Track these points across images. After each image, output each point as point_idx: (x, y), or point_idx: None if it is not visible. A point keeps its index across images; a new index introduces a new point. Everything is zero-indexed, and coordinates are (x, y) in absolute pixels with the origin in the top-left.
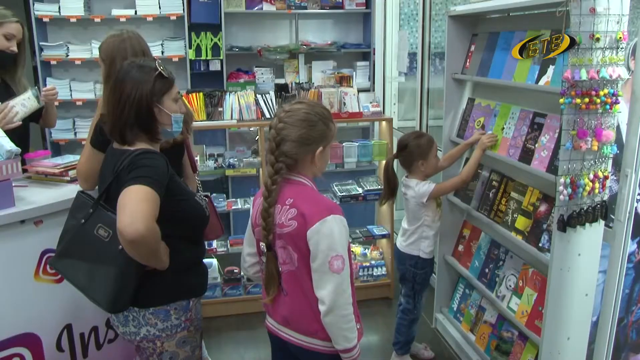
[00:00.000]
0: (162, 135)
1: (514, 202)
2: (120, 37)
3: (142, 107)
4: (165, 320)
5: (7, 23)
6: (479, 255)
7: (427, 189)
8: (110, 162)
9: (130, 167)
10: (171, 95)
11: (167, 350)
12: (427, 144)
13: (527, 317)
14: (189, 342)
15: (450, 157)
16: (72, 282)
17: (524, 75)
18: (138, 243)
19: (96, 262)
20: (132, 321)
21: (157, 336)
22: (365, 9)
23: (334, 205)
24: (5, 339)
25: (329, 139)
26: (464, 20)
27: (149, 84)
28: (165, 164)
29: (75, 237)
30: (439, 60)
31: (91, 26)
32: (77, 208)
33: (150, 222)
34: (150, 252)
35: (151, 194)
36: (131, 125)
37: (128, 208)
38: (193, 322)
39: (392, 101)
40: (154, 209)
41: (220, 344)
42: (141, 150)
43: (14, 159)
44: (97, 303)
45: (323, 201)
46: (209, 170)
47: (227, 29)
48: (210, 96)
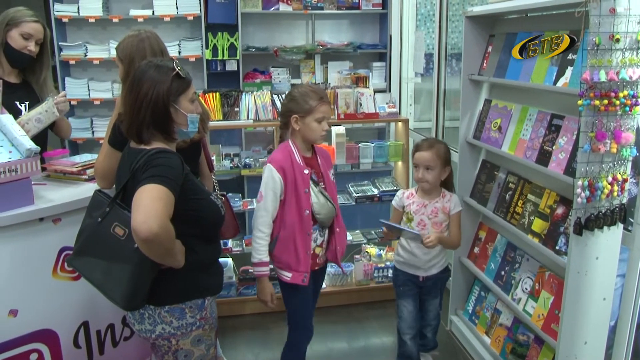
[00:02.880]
0: (177, 135)
1: (530, 205)
2: (139, 37)
3: (158, 107)
4: (180, 319)
5: (25, 22)
6: (494, 258)
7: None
8: (127, 161)
9: (145, 166)
10: (188, 95)
11: (182, 348)
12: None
13: (543, 320)
14: (203, 340)
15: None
16: (89, 279)
17: (541, 76)
18: (151, 241)
19: (112, 260)
20: (148, 319)
21: (172, 334)
22: (382, 9)
23: (274, 158)
24: (24, 335)
25: (305, 111)
26: (481, 21)
27: (166, 84)
28: (180, 164)
29: (91, 236)
30: (455, 61)
31: (109, 26)
32: (94, 207)
33: (164, 221)
34: (165, 251)
35: (166, 193)
36: (147, 124)
37: (142, 207)
38: (208, 321)
39: (408, 102)
40: (168, 208)
41: (235, 343)
42: (157, 149)
43: (33, 157)
44: (113, 301)
45: (273, 153)
46: (225, 170)
47: (244, 29)
48: (226, 96)
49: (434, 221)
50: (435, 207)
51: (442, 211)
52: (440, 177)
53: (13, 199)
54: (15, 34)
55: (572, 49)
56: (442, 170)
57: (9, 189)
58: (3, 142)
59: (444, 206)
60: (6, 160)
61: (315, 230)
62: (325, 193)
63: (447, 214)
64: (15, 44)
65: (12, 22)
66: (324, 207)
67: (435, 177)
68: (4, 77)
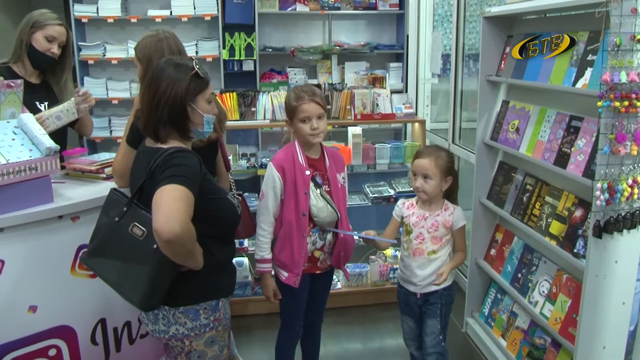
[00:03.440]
0: (193, 134)
1: (548, 207)
2: (157, 37)
3: (176, 106)
4: (194, 320)
5: (49, 25)
6: (511, 260)
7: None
8: (143, 160)
9: (164, 166)
10: (205, 95)
11: (196, 349)
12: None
13: (560, 324)
14: (217, 341)
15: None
16: (105, 279)
17: (560, 77)
18: (174, 243)
19: (130, 260)
20: (162, 319)
21: (185, 335)
22: (399, 9)
23: (275, 157)
24: (43, 331)
25: (291, 113)
26: (499, 22)
27: (185, 83)
28: (198, 163)
29: (108, 235)
30: (472, 62)
31: (128, 26)
32: (110, 206)
33: (185, 222)
34: (187, 252)
35: (186, 193)
36: (164, 122)
37: (164, 207)
38: (221, 322)
39: (425, 103)
40: (189, 208)
41: (250, 342)
42: (175, 148)
43: (53, 155)
44: (130, 301)
45: (277, 153)
46: (241, 170)
47: (261, 29)
48: (243, 96)
49: (434, 235)
50: (436, 221)
51: (443, 225)
52: (441, 187)
53: (33, 197)
54: (40, 37)
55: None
56: (443, 181)
57: (29, 186)
58: (24, 141)
59: (446, 219)
60: (27, 159)
61: (315, 234)
62: (327, 196)
63: (448, 228)
64: (39, 46)
65: (37, 25)
66: (322, 210)
67: (433, 188)
68: (26, 77)
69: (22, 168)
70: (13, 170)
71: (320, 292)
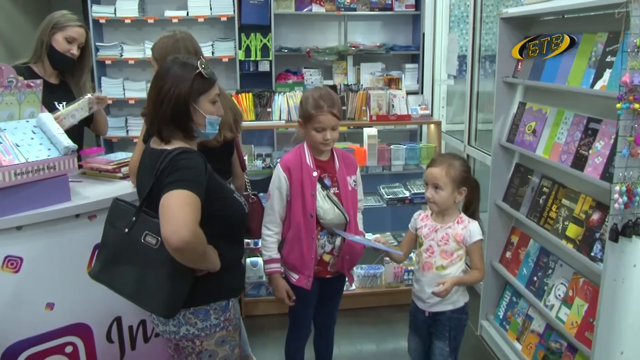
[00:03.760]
0: (197, 135)
1: (565, 210)
2: (174, 38)
3: (179, 105)
4: (204, 320)
5: (70, 27)
6: (527, 263)
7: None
8: (149, 164)
9: (169, 170)
10: (209, 96)
11: (207, 349)
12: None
13: (577, 328)
14: (228, 341)
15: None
16: (121, 292)
17: (578, 79)
18: (184, 249)
19: (147, 270)
20: (172, 320)
21: (196, 335)
22: (415, 10)
23: (283, 157)
24: (60, 328)
25: (306, 117)
26: (516, 23)
27: (188, 82)
28: (203, 163)
29: (120, 247)
30: (489, 63)
31: (145, 27)
32: (117, 216)
33: (194, 227)
34: (199, 256)
35: (192, 197)
36: (167, 121)
37: (170, 215)
38: (232, 322)
39: (441, 104)
40: (196, 212)
41: (265, 342)
42: (179, 150)
43: (70, 155)
44: (151, 310)
45: (286, 153)
46: (256, 170)
47: (277, 30)
48: (259, 96)
49: (443, 249)
50: (447, 233)
51: (454, 239)
52: (454, 199)
53: (51, 196)
54: (60, 38)
55: (611, 50)
56: (456, 192)
57: (47, 185)
58: (42, 140)
59: (457, 233)
60: (45, 158)
61: (323, 236)
62: (334, 198)
63: (460, 242)
64: (59, 46)
65: (58, 26)
66: (328, 212)
67: (444, 199)
68: (45, 77)
69: (40, 167)
70: (32, 169)
71: (331, 296)
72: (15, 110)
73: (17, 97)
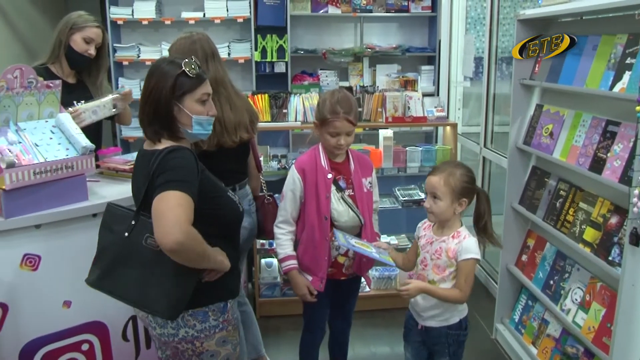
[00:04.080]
0: (184, 135)
1: (582, 213)
2: (191, 39)
3: (160, 104)
4: (203, 322)
5: (88, 27)
6: (543, 266)
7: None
8: (141, 165)
9: (159, 170)
10: (195, 95)
11: (208, 350)
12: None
13: (594, 333)
14: (229, 341)
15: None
16: (123, 298)
17: (596, 81)
18: (178, 251)
19: (150, 272)
20: (171, 323)
21: (195, 337)
22: (431, 12)
23: (298, 159)
24: (76, 326)
25: (321, 120)
26: (533, 24)
27: (170, 81)
28: (194, 160)
29: (120, 252)
30: (505, 65)
31: (161, 28)
32: (114, 221)
33: (186, 227)
34: (197, 256)
35: (183, 197)
36: (151, 121)
37: (162, 217)
38: (231, 322)
39: (457, 106)
40: (188, 212)
41: (279, 343)
42: (168, 148)
43: (88, 154)
44: (155, 313)
45: (300, 156)
46: (272, 171)
47: (293, 31)
48: (275, 98)
49: (436, 263)
50: (440, 247)
51: (446, 253)
52: (453, 210)
53: (69, 195)
54: (78, 38)
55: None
56: (455, 203)
57: (66, 185)
58: (61, 140)
59: (450, 248)
60: (63, 157)
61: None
62: (349, 200)
63: (452, 259)
64: (77, 47)
65: (76, 27)
66: (342, 214)
67: (442, 210)
68: (63, 77)
69: (59, 166)
70: (50, 169)
71: (346, 298)
72: (34, 110)
73: (37, 98)
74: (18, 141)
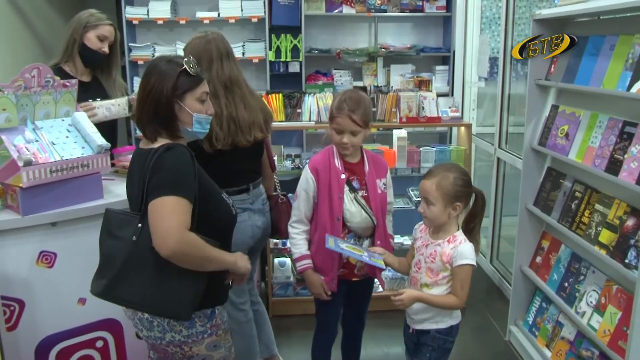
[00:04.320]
0: (183, 134)
1: (598, 215)
2: (206, 39)
3: (161, 102)
4: (189, 328)
5: (101, 25)
6: (558, 268)
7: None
8: (137, 165)
9: (155, 169)
10: (195, 94)
11: (198, 354)
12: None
13: (609, 336)
14: (221, 345)
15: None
16: (133, 304)
17: (614, 81)
18: (177, 258)
19: (159, 275)
20: (157, 327)
21: (182, 342)
22: (446, 12)
23: (312, 159)
24: (91, 323)
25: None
26: (549, 24)
27: (172, 79)
28: (191, 158)
29: (130, 257)
30: (520, 65)
31: (176, 28)
32: (117, 226)
33: (179, 235)
34: (199, 260)
35: (178, 203)
36: (150, 119)
37: (155, 226)
38: (220, 327)
39: (471, 106)
40: (182, 218)
41: (291, 342)
42: (164, 147)
43: (104, 153)
44: (168, 315)
45: (314, 156)
46: (286, 171)
47: (307, 31)
48: (289, 97)
49: (429, 267)
50: (435, 251)
51: (440, 257)
52: (447, 215)
53: (84, 193)
54: (92, 36)
55: None
56: (449, 207)
57: (81, 183)
58: (77, 139)
59: (445, 252)
60: (79, 156)
61: (350, 239)
62: (362, 201)
63: (446, 263)
64: (92, 45)
65: (90, 25)
66: (355, 215)
67: (435, 215)
68: (77, 76)
69: (74, 165)
70: (66, 167)
71: (359, 299)
72: (51, 109)
73: (54, 97)
74: (35, 139)
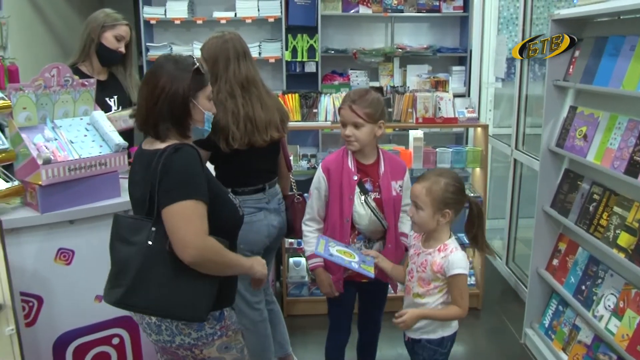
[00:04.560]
0: (192, 133)
1: (617, 218)
2: (223, 39)
3: (177, 102)
4: (198, 330)
5: (118, 25)
6: (575, 271)
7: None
8: (141, 166)
9: (164, 170)
10: (205, 92)
11: (209, 357)
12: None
13: (628, 341)
14: (232, 346)
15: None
16: (149, 310)
17: (634, 82)
18: (199, 264)
19: (179, 277)
20: (166, 330)
21: (192, 344)
22: (463, 12)
23: (325, 158)
24: (107, 320)
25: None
26: (568, 24)
27: (187, 79)
28: (198, 159)
29: (144, 262)
30: (538, 66)
31: (193, 28)
32: (129, 232)
33: (200, 240)
34: (220, 265)
35: (195, 207)
36: (164, 119)
37: (177, 233)
38: (229, 328)
39: (488, 107)
40: (200, 223)
41: (306, 342)
42: (173, 147)
43: (121, 152)
44: (185, 318)
45: (329, 155)
46: (301, 170)
47: (323, 31)
48: (305, 97)
49: (421, 276)
50: (426, 260)
51: (431, 267)
52: (436, 221)
53: (102, 191)
54: (110, 36)
55: None
56: (438, 214)
57: (99, 181)
58: (95, 137)
59: (435, 262)
60: (97, 154)
61: (360, 241)
62: (372, 204)
63: (438, 273)
64: (109, 44)
65: (107, 25)
66: (363, 218)
67: (424, 220)
68: (94, 75)
69: (92, 163)
70: (84, 165)
71: (371, 301)
72: (70, 108)
73: (73, 96)
74: (54, 138)
